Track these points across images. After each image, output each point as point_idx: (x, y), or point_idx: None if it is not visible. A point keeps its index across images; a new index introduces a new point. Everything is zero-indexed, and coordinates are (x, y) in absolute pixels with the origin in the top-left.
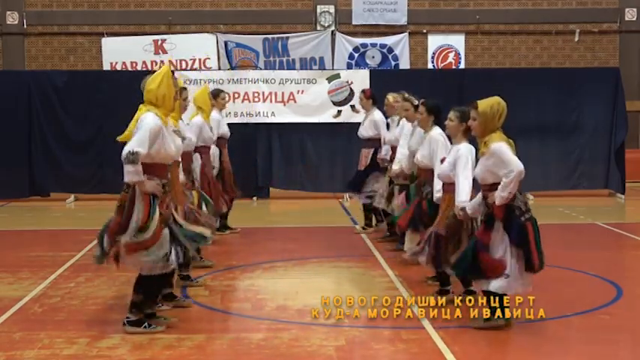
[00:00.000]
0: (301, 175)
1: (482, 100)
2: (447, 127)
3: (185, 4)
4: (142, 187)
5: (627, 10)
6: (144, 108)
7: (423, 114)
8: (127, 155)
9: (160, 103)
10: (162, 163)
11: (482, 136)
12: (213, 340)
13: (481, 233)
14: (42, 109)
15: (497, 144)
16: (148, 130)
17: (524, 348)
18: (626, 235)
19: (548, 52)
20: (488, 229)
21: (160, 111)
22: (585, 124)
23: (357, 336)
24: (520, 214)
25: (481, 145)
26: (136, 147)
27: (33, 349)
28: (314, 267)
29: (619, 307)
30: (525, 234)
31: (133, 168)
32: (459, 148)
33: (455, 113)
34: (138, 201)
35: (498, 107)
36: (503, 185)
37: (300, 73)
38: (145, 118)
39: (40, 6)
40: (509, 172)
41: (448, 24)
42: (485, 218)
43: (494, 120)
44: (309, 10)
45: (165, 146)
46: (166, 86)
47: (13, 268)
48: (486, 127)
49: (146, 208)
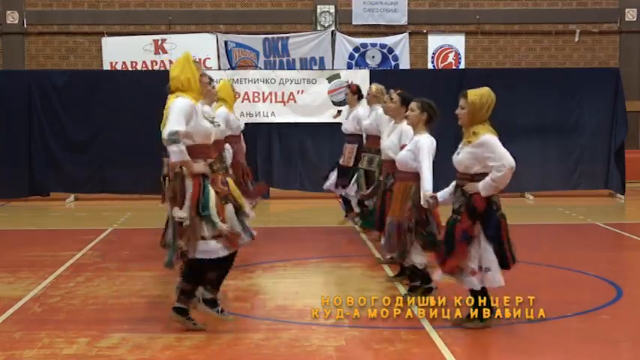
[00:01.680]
0: (301, 175)
1: (472, 90)
2: (409, 117)
3: (185, 4)
4: (190, 167)
5: (627, 10)
6: (172, 96)
7: (397, 103)
8: (168, 136)
9: (186, 87)
10: (204, 143)
11: (469, 125)
12: (213, 340)
13: (467, 226)
14: (42, 109)
15: (489, 136)
16: (179, 108)
17: (524, 348)
18: (626, 235)
19: (549, 53)
20: (473, 221)
21: (189, 95)
22: (585, 124)
23: (357, 336)
24: (497, 209)
25: (468, 135)
26: (173, 126)
27: (33, 349)
28: (314, 267)
29: (619, 307)
30: (500, 229)
31: (177, 147)
32: (419, 140)
33: (417, 104)
34: (188, 185)
35: (488, 98)
36: (494, 178)
37: (300, 73)
38: (175, 102)
39: (40, 6)
40: (500, 165)
41: (448, 24)
42: (467, 211)
43: (482, 110)
44: (309, 10)
45: (202, 123)
46: (189, 70)
47: (13, 268)
48: (475, 116)
49: (196, 187)
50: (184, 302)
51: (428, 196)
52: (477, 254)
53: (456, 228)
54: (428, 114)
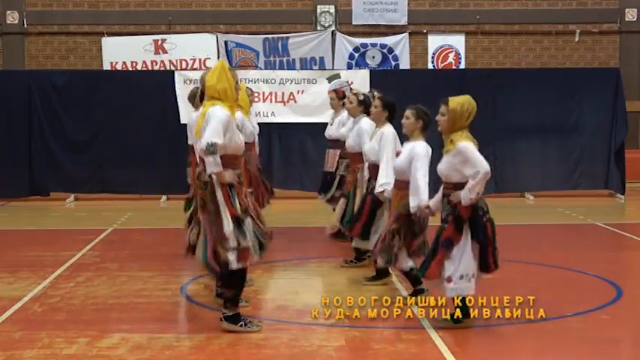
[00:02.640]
0: (301, 175)
1: (454, 97)
2: (404, 125)
3: (185, 4)
4: (222, 178)
5: (627, 10)
6: (208, 103)
7: (378, 107)
8: (207, 147)
9: (222, 96)
10: (235, 154)
11: (448, 132)
12: (213, 340)
13: (451, 233)
14: (42, 109)
15: (464, 143)
16: (219, 120)
17: (524, 348)
18: (626, 236)
19: (549, 53)
20: (459, 230)
21: (225, 104)
22: (585, 124)
23: (357, 336)
24: (483, 214)
25: (447, 143)
26: (213, 138)
27: (33, 349)
28: (314, 267)
29: (619, 307)
30: (486, 234)
31: (214, 159)
32: (415, 146)
33: (411, 111)
34: (218, 194)
35: (469, 106)
36: (470, 186)
37: (300, 73)
38: (213, 111)
39: (40, 6)
40: (475, 172)
41: (448, 24)
42: (453, 219)
43: (462, 118)
44: (309, 10)
45: (236, 137)
46: (226, 80)
47: (13, 268)
48: (454, 124)
49: (225, 198)
50: (231, 308)
51: (423, 206)
52: (456, 262)
53: (441, 237)
54: (423, 121)
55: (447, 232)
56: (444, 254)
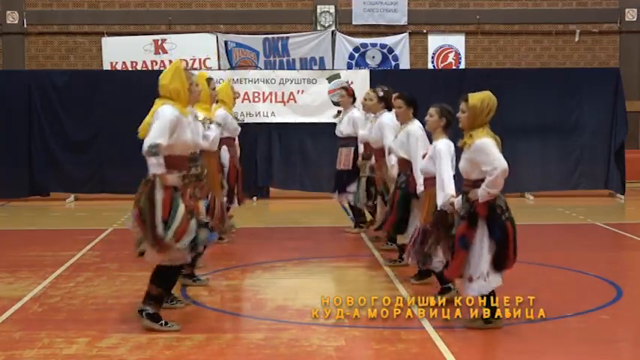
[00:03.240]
0: (301, 175)
1: (474, 94)
2: (427, 123)
3: (185, 4)
4: (165, 180)
5: (627, 10)
6: (159, 102)
7: (402, 107)
8: (149, 148)
9: (174, 96)
10: (182, 155)
11: (469, 129)
12: (213, 340)
13: (465, 230)
14: (42, 109)
15: (483, 139)
16: (166, 121)
17: (524, 348)
18: (626, 236)
19: (549, 53)
20: (473, 227)
21: (177, 104)
22: (585, 124)
23: (357, 336)
24: (501, 212)
25: (466, 138)
26: (156, 139)
27: (33, 349)
28: (314, 267)
29: (619, 307)
30: (506, 233)
31: (156, 160)
32: (436, 145)
33: (435, 109)
34: (158, 195)
35: (489, 102)
36: (487, 183)
37: (300, 73)
38: (162, 110)
39: (40, 6)
40: (492, 169)
41: (448, 24)
42: (467, 216)
43: (482, 114)
44: (309, 10)
45: (183, 137)
46: (179, 80)
47: (13, 268)
48: (474, 120)
49: (167, 200)
50: (153, 307)
51: (449, 201)
52: (475, 261)
53: (457, 235)
54: (446, 119)
55: (461, 230)
56: (463, 253)
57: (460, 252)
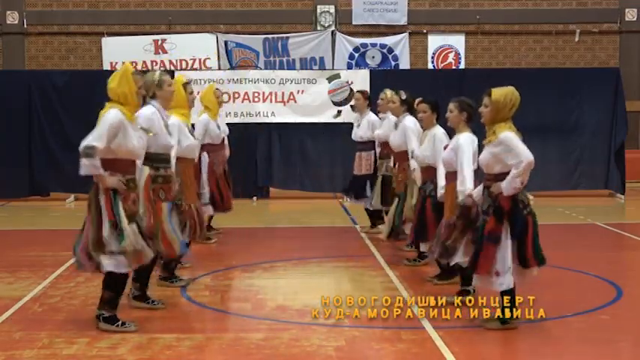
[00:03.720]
0: (301, 175)
1: (497, 89)
2: (448, 119)
3: (185, 4)
4: (103, 181)
5: (627, 10)
6: (108, 105)
7: (427, 111)
8: (83, 149)
9: (122, 100)
10: (126, 159)
11: (491, 123)
12: (212, 340)
13: (494, 225)
14: (42, 109)
15: (507, 133)
16: (107, 125)
17: (524, 348)
18: (626, 235)
19: (549, 53)
20: (500, 221)
21: (126, 108)
22: (585, 124)
23: (357, 336)
24: (523, 207)
25: (489, 133)
26: (93, 141)
27: (33, 349)
28: (314, 267)
29: (619, 307)
30: (526, 228)
31: (88, 162)
32: (459, 138)
33: (454, 104)
34: (101, 198)
35: (512, 97)
36: (513, 176)
37: (300, 73)
38: (106, 114)
39: (40, 6)
40: (518, 162)
41: (448, 24)
42: (493, 210)
43: (505, 109)
44: (309, 10)
45: (128, 142)
46: (126, 84)
47: (13, 268)
48: (497, 115)
49: (108, 203)
50: (108, 310)
51: (467, 194)
52: (502, 255)
53: (484, 230)
54: (467, 112)
55: (490, 226)
56: (493, 248)
57: (490, 247)
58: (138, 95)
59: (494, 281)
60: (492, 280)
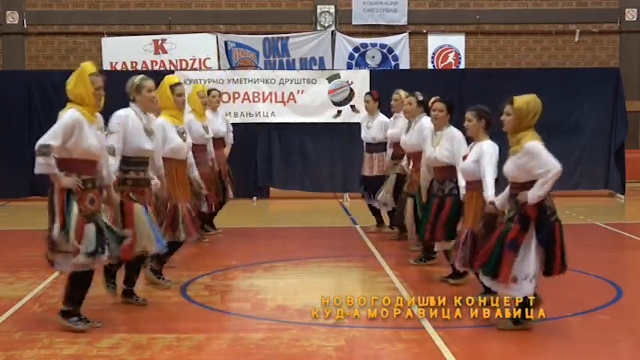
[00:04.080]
0: (301, 175)
1: (519, 97)
2: (468, 128)
3: (185, 4)
4: (57, 181)
5: (627, 10)
6: (69, 105)
7: (443, 111)
8: (38, 148)
9: (79, 101)
10: (83, 159)
11: (514, 132)
12: (212, 340)
13: (517, 233)
14: (42, 109)
15: (532, 143)
16: (62, 124)
17: (524, 348)
18: (626, 235)
19: (549, 53)
20: (524, 229)
21: (85, 109)
22: (585, 124)
23: (357, 336)
24: (550, 214)
25: (513, 143)
26: (48, 140)
27: (33, 349)
28: (314, 267)
29: (619, 307)
30: (553, 235)
31: (43, 160)
32: (482, 145)
33: (472, 113)
34: (55, 198)
35: (534, 105)
36: (540, 184)
37: (300, 73)
38: (63, 114)
39: (40, 6)
40: (546, 171)
41: (448, 24)
42: (519, 218)
43: (527, 117)
44: (309, 10)
45: (84, 142)
46: (82, 85)
47: (13, 268)
48: (520, 123)
49: (60, 203)
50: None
51: (489, 201)
52: (521, 263)
53: (507, 237)
54: (486, 120)
55: (513, 233)
56: (512, 256)
57: (510, 254)
58: (95, 96)
59: (511, 287)
60: (510, 286)
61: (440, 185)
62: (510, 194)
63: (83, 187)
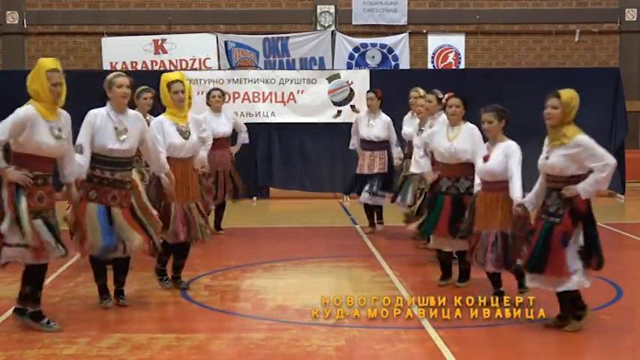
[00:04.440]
0: (301, 175)
1: (564, 90)
2: (488, 129)
3: (185, 4)
4: (4, 174)
5: (627, 10)
6: (29, 101)
7: (460, 106)
8: None
9: (37, 97)
10: (35, 155)
11: (560, 125)
12: (213, 340)
13: (569, 228)
14: None
15: (583, 136)
16: (12, 119)
17: (524, 348)
18: (626, 235)
19: (549, 53)
20: (575, 223)
21: (42, 105)
22: (585, 124)
23: (357, 336)
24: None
25: (557, 136)
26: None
27: (33, 349)
28: (314, 267)
29: (619, 307)
30: (596, 230)
31: None
32: (509, 145)
33: (492, 113)
34: (3, 191)
35: (577, 99)
36: (597, 179)
37: (300, 73)
38: (17, 110)
39: (40, 6)
40: (604, 165)
41: (448, 24)
42: (569, 213)
43: (573, 110)
44: (309, 10)
45: (36, 137)
46: (38, 81)
47: (13, 268)
48: (566, 117)
49: (9, 197)
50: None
51: (517, 203)
52: (571, 257)
53: (555, 231)
54: (505, 120)
55: (563, 227)
56: (564, 250)
57: (561, 249)
58: (52, 92)
59: (562, 282)
60: (561, 280)
61: (454, 183)
62: (551, 188)
63: (33, 182)
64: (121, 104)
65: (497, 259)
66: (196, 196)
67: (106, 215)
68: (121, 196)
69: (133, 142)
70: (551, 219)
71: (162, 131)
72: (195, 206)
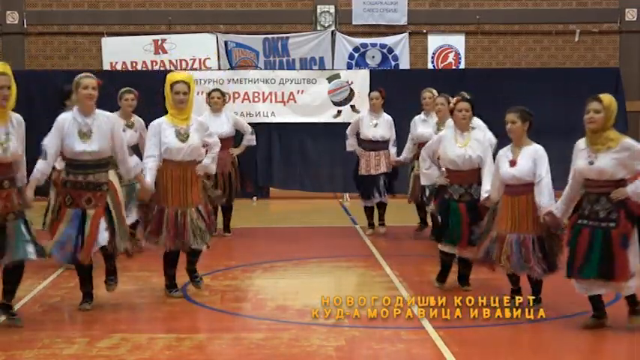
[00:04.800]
0: (301, 175)
1: (603, 95)
2: (511, 130)
3: (185, 4)
4: None
5: (627, 10)
6: None
7: (470, 111)
8: None
9: None
10: None
11: (602, 130)
12: (213, 340)
13: (628, 230)
14: (42, 109)
15: (629, 140)
16: None
17: (524, 348)
18: None
19: (549, 53)
20: (633, 225)
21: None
22: None
23: (357, 336)
24: None
25: (602, 140)
26: None
27: (33, 349)
28: (314, 267)
29: (619, 307)
30: None
31: None
32: (537, 150)
33: (516, 114)
34: None
35: (616, 104)
36: None
37: (300, 73)
38: None
39: (40, 6)
40: None
41: (448, 24)
42: (625, 216)
43: (614, 114)
44: (309, 10)
45: None
46: None
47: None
48: (608, 121)
49: None
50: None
51: (547, 211)
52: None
53: (614, 235)
54: (530, 122)
55: (623, 230)
56: (626, 253)
57: (624, 252)
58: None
59: (625, 286)
60: (626, 284)
61: (467, 190)
62: (600, 193)
63: None
64: (86, 106)
65: (539, 262)
66: (197, 201)
67: (80, 218)
68: (95, 198)
69: (103, 143)
70: (604, 224)
71: (159, 133)
72: (195, 210)
